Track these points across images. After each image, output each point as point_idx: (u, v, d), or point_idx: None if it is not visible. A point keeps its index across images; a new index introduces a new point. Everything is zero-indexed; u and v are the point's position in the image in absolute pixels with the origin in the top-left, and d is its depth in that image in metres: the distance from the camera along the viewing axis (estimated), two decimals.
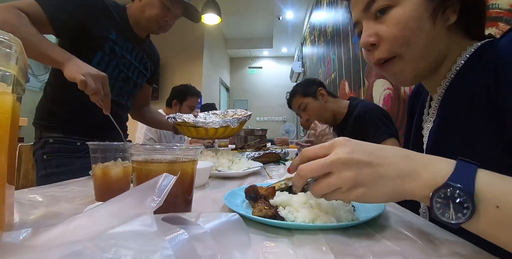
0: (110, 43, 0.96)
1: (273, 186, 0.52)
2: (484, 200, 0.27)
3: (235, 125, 0.98)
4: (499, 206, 0.27)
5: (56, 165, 0.91)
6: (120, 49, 1.00)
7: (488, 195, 0.28)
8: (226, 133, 1.02)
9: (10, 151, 0.29)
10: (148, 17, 1.00)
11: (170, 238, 0.21)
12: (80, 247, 0.19)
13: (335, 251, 0.31)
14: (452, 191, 0.28)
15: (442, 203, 0.29)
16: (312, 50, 4.68)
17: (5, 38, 0.27)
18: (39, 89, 3.37)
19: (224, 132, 1.01)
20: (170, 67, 4.28)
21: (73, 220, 0.24)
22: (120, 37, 0.99)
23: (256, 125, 6.94)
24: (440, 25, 0.44)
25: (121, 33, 1.00)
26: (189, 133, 1.03)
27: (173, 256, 0.20)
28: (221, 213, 0.27)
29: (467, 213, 0.28)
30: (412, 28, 0.43)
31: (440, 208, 0.29)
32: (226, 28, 5.89)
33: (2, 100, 0.28)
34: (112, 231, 0.21)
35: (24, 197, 0.49)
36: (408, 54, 0.45)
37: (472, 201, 0.27)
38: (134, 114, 1.29)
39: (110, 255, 0.18)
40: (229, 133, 1.03)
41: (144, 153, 0.36)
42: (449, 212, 0.29)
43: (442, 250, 0.31)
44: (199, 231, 0.25)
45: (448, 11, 0.44)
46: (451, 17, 0.44)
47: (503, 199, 0.27)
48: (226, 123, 0.97)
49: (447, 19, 0.44)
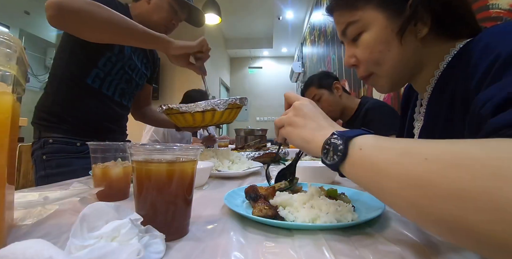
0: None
1: (273, 186, 0.52)
2: (353, 145, 0.32)
3: (221, 107, 0.88)
4: (362, 148, 0.31)
5: (55, 165, 0.90)
6: (129, 50, 1.00)
7: (358, 141, 0.32)
8: (216, 119, 0.93)
9: (10, 151, 0.29)
10: (157, 21, 1.00)
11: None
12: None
13: (335, 251, 0.31)
14: (335, 138, 0.34)
15: (327, 149, 0.35)
16: (312, 50, 4.68)
17: (5, 38, 0.27)
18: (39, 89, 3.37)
19: (213, 118, 0.92)
20: (170, 67, 4.27)
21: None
22: None
23: (256, 125, 6.93)
24: (411, 41, 0.47)
25: None
26: (179, 122, 0.97)
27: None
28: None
29: (340, 155, 0.32)
30: (380, 50, 0.48)
31: (326, 153, 0.35)
32: (226, 28, 5.88)
33: (2, 100, 0.28)
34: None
35: (24, 197, 0.49)
36: (381, 72, 0.50)
37: (346, 145, 0.32)
38: (136, 114, 1.28)
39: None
40: (219, 119, 0.94)
41: (144, 153, 0.36)
42: (330, 155, 0.34)
43: (442, 250, 0.31)
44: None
45: (418, 25, 0.46)
46: (421, 31, 0.46)
47: (367, 143, 0.31)
48: (210, 105, 0.87)
49: (419, 32, 0.46)
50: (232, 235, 0.36)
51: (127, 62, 1.00)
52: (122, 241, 0.27)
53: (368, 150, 0.30)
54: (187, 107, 0.88)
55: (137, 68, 1.06)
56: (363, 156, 0.30)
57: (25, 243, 0.21)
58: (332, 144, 0.34)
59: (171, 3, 1.01)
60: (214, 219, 0.43)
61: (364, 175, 0.30)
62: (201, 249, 0.32)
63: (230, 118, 0.97)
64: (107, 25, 0.74)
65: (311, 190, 0.49)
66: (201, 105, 0.87)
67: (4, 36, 0.27)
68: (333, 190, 0.51)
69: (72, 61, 0.91)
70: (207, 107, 0.87)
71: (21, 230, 0.36)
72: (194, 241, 0.34)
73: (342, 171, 0.33)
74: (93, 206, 0.29)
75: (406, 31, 0.45)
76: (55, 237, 0.34)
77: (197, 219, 0.42)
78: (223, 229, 0.38)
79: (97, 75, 0.93)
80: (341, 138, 0.33)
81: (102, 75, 0.94)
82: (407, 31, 0.45)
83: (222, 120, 0.96)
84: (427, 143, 0.25)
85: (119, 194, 0.55)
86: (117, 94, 1.01)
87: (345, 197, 0.49)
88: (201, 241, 0.34)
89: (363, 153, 0.30)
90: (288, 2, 4.62)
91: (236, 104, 0.92)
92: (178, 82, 4.27)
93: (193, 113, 0.88)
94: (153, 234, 0.30)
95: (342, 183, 0.76)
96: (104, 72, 0.94)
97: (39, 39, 3.62)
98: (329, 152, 0.34)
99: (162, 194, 0.34)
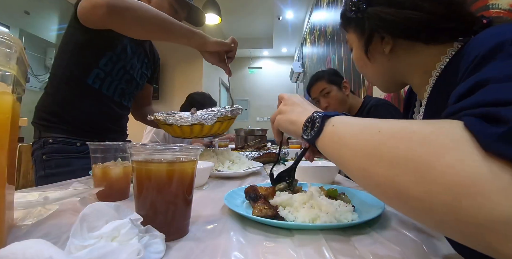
0: (123, 43, 0.96)
1: (273, 186, 0.52)
2: (329, 123, 0.34)
3: (209, 122, 0.82)
4: (334, 125, 0.33)
5: (55, 165, 0.90)
6: (130, 50, 1.00)
7: (333, 120, 0.34)
8: (204, 132, 0.88)
9: (10, 151, 0.29)
10: None
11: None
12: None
13: (335, 251, 0.31)
14: (315, 116, 0.37)
15: (307, 126, 0.38)
16: (312, 50, 4.68)
17: (5, 38, 0.27)
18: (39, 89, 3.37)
19: (201, 130, 0.87)
20: (170, 67, 4.28)
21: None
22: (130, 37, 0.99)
23: (256, 125, 6.93)
24: (380, 57, 0.53)
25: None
26: (170, 132, 0.92)
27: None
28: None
29: (316, 131, 0.35)
30: (360, 65, 0.58)
31: (305, 130, 0.38)
32: (226, 28, 5.88)
33: (2, 100, 0.28)
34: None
35: (24, 197, 0.49)
36: (366, 78, 0.61)
37: (322, 123, 0.35)
38: (137, 114, 1.28)
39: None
40: (209, 131, 0.89)
41: (144, 153, 0.36)
42: (308, 131, 0.37)
43: (442, 250, 0.31)
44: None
45: (382, 43, 0.51)
46: (385, 48, 0.51)
47: (340, 120, 0.34)
48: (197, 120, 0.82)
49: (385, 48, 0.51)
50: (232, 235, 0.36)
51: (128, 62, 1.00)
52: (122, 241, 0.27)
53: (339, 126, 0.33)
54: (173, 120, 0.84)
55: (137, 68, 1.06)
56: (333, 131, 0.33)
57: (25, 243, 0.21)
58: (311, 122, 0.37)
59: (171, 2, 1.01)
60: (214, 219, 0.43)
61: (331, 147, 0.33)
62: (201, 249, 0.32)
63: (221, 130, 0.93)
64: (154, 22, 0.77)
65: (311, 190, 0.49)
66: (187, 119, 0.83)
67: (4, 36, 0.27)
68: (333, 190, 0.51)
69: (72, 61, 0.91)
70: (194, 122, 0.82)
71: (21, 230, 0.36)
72: (194, 241, 0.34)
73: (317, 146, 0.36)
74: (93, 206, 0.29)
75: (368, 50, 0.53)
76: (55, 237, 0.34)
77: (197, 219, 0.42)
78: (223, 229, 0.38)
79: (97, 75, 0.93)
80: (319, 116, 0.36)
81: (103, 75, 0.94)
82: (371, 50, 0.53)
83: (213, 132, 0.92)
84: (390, 121, 0.27)
85: (119, 194, 0.55)
86: (117, 94, 1.01)
87: (345, 197, 0.49)
88: (201, 241, 0.34)
89: (334, 129, 0.33)
90: (288, 2, 4.62)
91: (227, 116, 0.86)
92: (178, 82, 4.27)
93: (180, 126, 0.84)
94: (153, 234, 0.30)
95: (342, 183, 0.76)
96: (104, 72, 0.94)
97: (39, 39, 3.62)
98: (308, 128, 0.38)
99: (162, 194, 0.34)
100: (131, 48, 1.00)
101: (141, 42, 1.07)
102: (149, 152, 0.36)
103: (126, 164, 0.56)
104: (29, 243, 0.22)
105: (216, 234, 0.36)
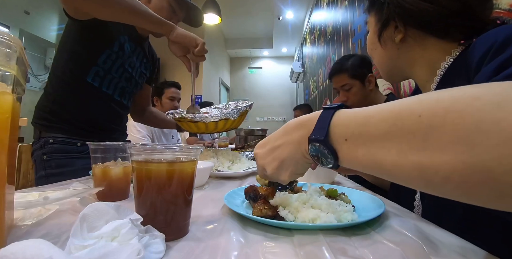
0: (120, 41, 0.96)
1: (272, 186, 0.52)
2: (336, 140, 0.29)
3: (235, 116, 0.93)
4: (347, 139, 0.29)
5: (55, 165, 0.90)
6: (128, 48, 1.00)
7: (337, 132, 0.29)
8: (227, 126, 0.96)
9: (10, 151, 0.29)
10: None
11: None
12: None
13: (335, 251, 0.31)
14: (313, 144, 0.32)
15: (314, 156, 0.33)
16: (312, 50, 4.68)
17: (5, 38, 0.27)
18: (39, 89, 3.37)
19: (225, 125, 0.95)
20: (170, 67, 4.28)
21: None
22: (127, 35, 0.99)
23: (256, 125, 6.93)
24: (390, 44, 0.56)
25: (128, 32, 1.00)
26: (189, 128, 0.99)
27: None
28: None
29: (330, 156, 0.30)
30: (370, 48, 0.61)
31: (318, 160, 0.33)
32: (226, 28, 5.88)
33: (2, 100, 0.28)
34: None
35: (24, 197, 0.49)
36: (374, 61, 0.63)
37: (327, 145, 0.30)
38: (136, 115, 1.28)
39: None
40: (230, 126, 0.97)
41: (144, 153, 0.36)
42: (323, 160, 0.32)
43: (442, 250, 0.31)
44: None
45: (395, 32, 0.54)
46: (396, 37, 0.54)
47: (347, 131, 0.29)
48: (225, 115, 0.92)
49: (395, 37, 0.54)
50: (232, 235, 0.36)
51: (126, 60, 1.00)
52: (122, 241, 0.27)
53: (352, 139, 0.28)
54: (202, 118, 0.91)
55: (136, 67, 1.07)
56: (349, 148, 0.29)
57: (25, 243, 0.21)
58: (315, 151, 0.32)
59: (170, 2, 1.01)
60: (214, 219, 0.43)
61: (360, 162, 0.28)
62: (201, 249, 0.32)
63: (239, 124, 1.02)
64: (125, 5, 0.77)
65: (311, 190, 0.49)
66: (216, 116, 0.91)
67: (4, 36, 0.27)
68: (333, 190, 0.51)
69: (71, 59, 0.91)
70: (222, 117, 0.91)
71: (21, 230, 0.36)
72: (194, 241, 0.34)
73: (346, 166, 0.31)
74: (93, 206, 0.29)
75: (382, 35, 0.56)
76: (55, 237, 0.34)
77: (197, 219, 0.42)
78: (223, 229, 0.38)
79: (97, 73, 0.93)
80: (317, 143, 0.31)
81: (102, 73, 0.94)
82: (384, 35, 0.55)
83: (232, 126, 1.00)
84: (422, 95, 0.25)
85: (119, 194, 0.55)
86: (117, 93, 1.01)
87: (345, 197, 0.49)
88: (201, 241, 0.34)
89: (349, 143, 0.29)
90: (288, 2, 4.63)
91: (246, 111, 0.98)
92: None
93: (207, 123, 0.92)
94: (153, 234, 0.30)
95: (342, 183, 0.76)
96: (104, 70, 0.94)
97: (39, 39, 3.62)
98: (319, 159, 0.32)
99: (162, 194, 0.34)
100: (130, 46, 1.00)
101: (140, 42, 1.07)
102: (149, 152, 0.36)
103: (126, 164, 0.56)
104: (29, 243, 0.22)
105: (216, 234, 0.36)
